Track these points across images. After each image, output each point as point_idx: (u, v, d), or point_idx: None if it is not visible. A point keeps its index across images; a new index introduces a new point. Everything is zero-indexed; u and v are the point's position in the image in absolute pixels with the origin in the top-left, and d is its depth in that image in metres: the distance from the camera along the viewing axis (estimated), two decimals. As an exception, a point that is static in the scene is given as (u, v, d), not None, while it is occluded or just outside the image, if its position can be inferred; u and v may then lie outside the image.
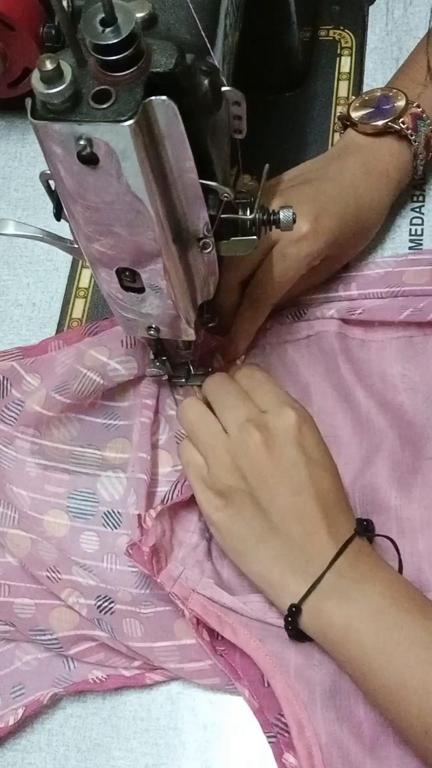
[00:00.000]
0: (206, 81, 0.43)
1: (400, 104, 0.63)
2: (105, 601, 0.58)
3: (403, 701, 0.48)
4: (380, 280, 0.64)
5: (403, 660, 0.48)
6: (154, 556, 0.57)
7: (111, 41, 0.39)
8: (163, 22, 0.44)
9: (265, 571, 0.54)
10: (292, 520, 0.53)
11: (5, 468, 0.64)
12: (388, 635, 0.49)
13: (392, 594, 0.51)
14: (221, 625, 0.56)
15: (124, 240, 0.46)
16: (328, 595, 0.51)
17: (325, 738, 0.53)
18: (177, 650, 0.57)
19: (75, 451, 0.64)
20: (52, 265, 0.74)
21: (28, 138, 0.79)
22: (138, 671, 0.58)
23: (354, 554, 0.52)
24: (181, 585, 0.57)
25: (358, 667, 0.50)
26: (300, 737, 0.52)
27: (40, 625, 0.59)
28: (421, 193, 0.70)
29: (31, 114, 0.40)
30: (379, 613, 0.50)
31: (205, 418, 0.57)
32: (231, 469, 0.55)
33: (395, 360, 0.63)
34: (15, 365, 0.66)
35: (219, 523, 0.56)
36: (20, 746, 0.59)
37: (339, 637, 0.51)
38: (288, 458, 0.54)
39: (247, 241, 0.51)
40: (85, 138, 0.40)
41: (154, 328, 0.55)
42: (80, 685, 0.58)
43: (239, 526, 0.55)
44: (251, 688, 0.55)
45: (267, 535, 0.54)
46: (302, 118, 0.75)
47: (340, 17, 0.78)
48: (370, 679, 0.50)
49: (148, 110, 0.40)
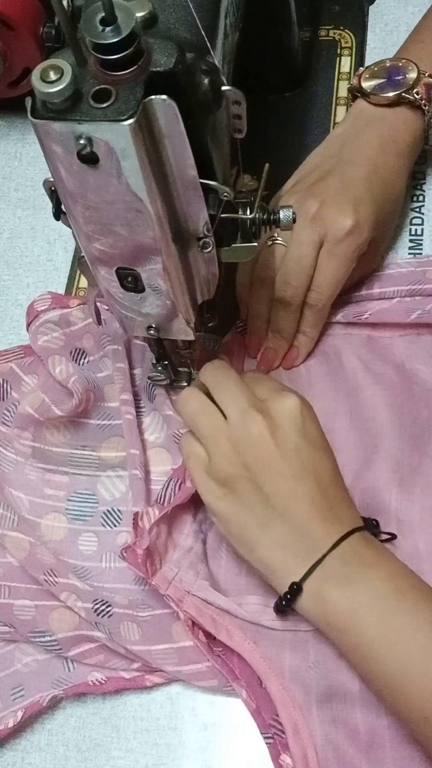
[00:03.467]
0: (206, 80, 0.43)
1: (412, 75, 0.63)
2: (102, 605, 0.58)
3: (404, 687, 0.48)
4: (402, 278, 0.64)
5: (405, 647, 0.49)
6: (149, 559, 0.57)
7: (111, 40, 0.39)
8: (163, 21, 0.44)
9: (268, 556, 0.54)
10: (296, 506, 0.53)
11: (5, 471, 0.64)
12: (391, 622, 0.49)
13: (395, 581, 0.51)
14: (216, 627, 0.56)
15: (124, 239, 0.46)
16: (332, 579, 0.51)
17: (321, 739, 0.53)
18: (175, 653, 0.57)
19: (71, 454, 0.65)
20: (52, 265, 0.74)
21: (28, 138, 0.79)
22: (137, 673, 0.58)
23: (357, 541, 0.52)
24: (175, 587, 0.57)
25: (361, 653, 0.50)
26: (295, 738, 0.52)
27: (40, 627, 0.59)
28: (421, 193, 0.70)
29: (31, 113, 0.40)
30: (382, 599, 0.50)
31: (205, 407, 0.56)
32: (232, 456, 0.54)
33: (402, 356, 0.63)
34: (13, 367, 0.66)
35: (221, 512, 0.55)
36: (20, 746, 0.59)
37: (342, 623, 0.51)
38: (291, 444, 0.53)
39: (247, 248, 0.52)
40: (85, 137, 0.40)
41: (154, 328, 0.55)
42: (79, 687, 0.58)
43: (242, 514, 0.54)
44: (248, 689, 0.55)
45: (270, 522, 0.53)
46: (302, 118, 0.75)
47: (340, 17, 0.78)
48: (371, 666, 0.50)
49: (148, 109, 0.40)
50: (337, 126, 0.67)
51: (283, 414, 0.54)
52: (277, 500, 0.53)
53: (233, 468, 0.54)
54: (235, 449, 0.54)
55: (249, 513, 0.54)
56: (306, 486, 0.53)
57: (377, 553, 0.53)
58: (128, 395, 0.63)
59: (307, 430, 0.54)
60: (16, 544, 0.60)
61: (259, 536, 0.54)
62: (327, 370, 0.64)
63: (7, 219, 0.76)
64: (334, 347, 0.64)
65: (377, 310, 0.63)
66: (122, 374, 0.64)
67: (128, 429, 0.62)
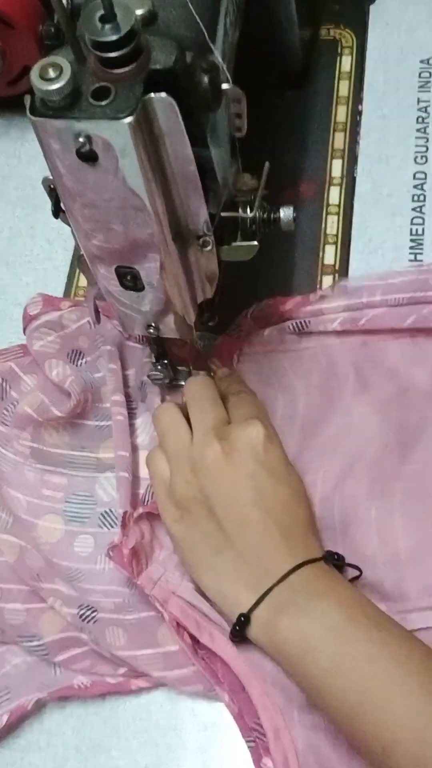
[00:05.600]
0: (206, 78, 0.43)
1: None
2: (87, 610, 0.57)
3: (361, 717, 0.47)
4: (406, 285, 0.64)
5: (360, 677, 0.48)
6: (134, 558, 0.57)
7: (110, 38, 0.39)
8: (162, 19, 0.43)
9: (218, 584, 0.54)
10: (246, 534, 0.53)
11: (3, 470, 0.64)
12: (344, 651, 0.49)
13: (348, 609, 0.50)
14: (199, 629, 0.56)
15: (123, 238, 0.46)
16: (282, 609, 0.51)
17: (302, 744, 0.52)
18: (160, 658, 0.57)
19: (70, 455, 0.64)
20: (51, 264, 0.74)
21: (28, 136, 0.79)
22: (123, 678, 0.57)
23: (310, 571, 0.52)
24: (161, 587, 0.57)
25: (314, 683, 0.49)
26: (276, 743, 0.52)
27: (30, 631, 0.58)
28: (422, 192, 0.70)
29: (30, 111, 0.40)
30: (334, 628, 0.49)
31: (177, 425, 0.57)
32: (191, 478, 0.54)
33: (396, 359, 0.63)
34: (13, 366, 0.66)
35: (176, 535, 0.55)
36: (20, 746, 0.59)
37: (294, 654, 0.50)
38: (245, 470, 0.54)
39: (248, 247, 0.51)
40: (84, 135, 0.40)
41: (153, 327, 0.55)
42: (64, 690, 0.58)
43: (195, 539, 0.54)
44: (231, 693, 0.54)
45: (222, 548, 0.53)
46: (302, 118, 0.74)
47: (341, 16, 0.78)
48: (326, 696, 0.49)
49: (148, 107, 0.40)
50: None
51: (243, 440, 0.54)
52: (229, 527, 0.53)
53: (190, 491, 0.54)
54: (193, 471, 0.54)
55: (202, 538, 0.54)
56: (257, 513, 0.53)
57: (330, 583, 0.52)
58: (120, 396, 0.63)
59: (266, 459, 0.54)
60: (8, 547, 0.60)
61: (211, 562, 0.54)
62: (318, 379, 0.63)
63: (6, 218, 0.76)
64: (328, 356, 0.64)
65: (372, 317, 0.63)
66: (114, 375, 0.64)
67: (117, 430, 0.62)
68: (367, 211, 0.70)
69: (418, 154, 0.72)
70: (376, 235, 0.69)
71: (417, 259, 0.68)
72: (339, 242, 0.70)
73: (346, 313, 0.64)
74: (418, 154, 0.72)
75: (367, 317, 0.63)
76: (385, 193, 0.71)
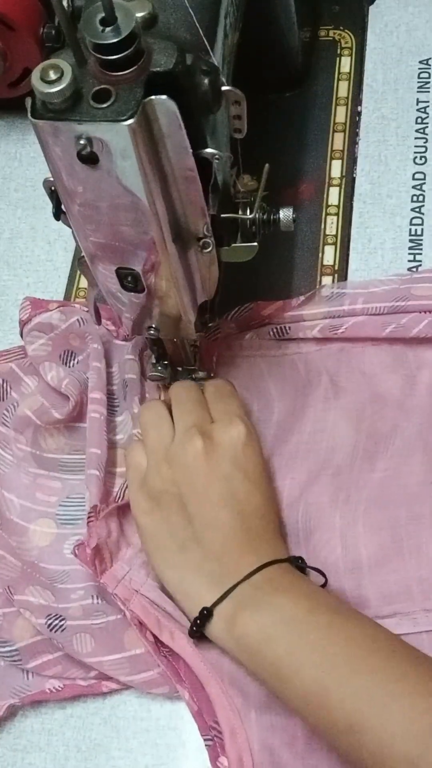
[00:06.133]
0: (206, 80, 0.43)
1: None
2: (56, 619, 0.57)
3: (323, 699, 0.47)
4: (387, 294, 0.64)
5: (319, 660, 0.48)
6: (97, 557, 0.57)
7: (111, 41, 0.39)
8: (163, 21, 0.44)
9: (181, 579, 0.54)
10: (213, 532, 0.53)
11: (1, 472, 0.64)
12: (303, 639, 0.49)
13: (308, 601, 0.51)
14: (160, 628, 0.56)
15: (123, 239, 0.46)
16: (242, 604, 0.51)
17: (258, 744, 0.53)
18: (126, 662, 0.57)
19: (64, 459, 0.64)
20: (52, 265, 0.74)
21: (28, 138, 0.79)
22: (95, 680, 0.58)
23: (274, 571, 0.52)
24: (124, 586, 0.57)
25: (274, 673, 0.50)
26: (232, 741, 0.53)
27: (4, 636, 0.58)
28: (421, 193, 0.70)
29: (31, 113, 0.40)
30: (293, 619, 0.50)
31: (160, 421, 0.57)
32: (166, 472, 0.55)
33: (372, 366, 0.63)
34: (13, 367, 0.66)
35: (145, 526, 0.56)
36: (20, 746, 0.59)
37: (253, 646, 0.51)
38: (222, 470, 0.54)
39: (247, 248, 0.52)
40: (85, 137, 0.40)
41: (154, 328, 0.55)
42: (37, 695, 0.58)
43: (163, 532, 0.55)
44: (191, 692, 0.55)
45: (188, 544, 0.54)
46: (302, 118, 0.74)
47: (340, 17, 0.78)
48: (286, 685, 0.49)
49: (148, 109, 0.40)
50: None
51: (224, 440, 0.55)
52: (198, 523, 0.53)
53: (164, 484, 0.55)
54: (170, 465, 0.55)
55: (169, 532, 0.54)
56: (228, 514, 0.53)
57: (293, 581, 0.52)
58: (99, 394, 0.63)
59: (244, 462, 0.55)
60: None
61: (176, 558, 0.54)
62: (294, 386, 0.63)
63: (7, 219, 0.76)
64: (305, 363, 0.64)
65: (352, 324, 0.63)
66: (96, 373, 0.64)
67: (91, 428, 0.62)
68: (366, 211, 0.71)
69: (418, 155, 0.72)
70: (375, 236, 0.69)
71: (416, 259, 0.68)
72: (338, 243, 0.70)
73: (326, 320, 0.64)
74: (418, 154, 0.72)
75: (347, 325, 0.63)
76: (384, 194, 0.71)
